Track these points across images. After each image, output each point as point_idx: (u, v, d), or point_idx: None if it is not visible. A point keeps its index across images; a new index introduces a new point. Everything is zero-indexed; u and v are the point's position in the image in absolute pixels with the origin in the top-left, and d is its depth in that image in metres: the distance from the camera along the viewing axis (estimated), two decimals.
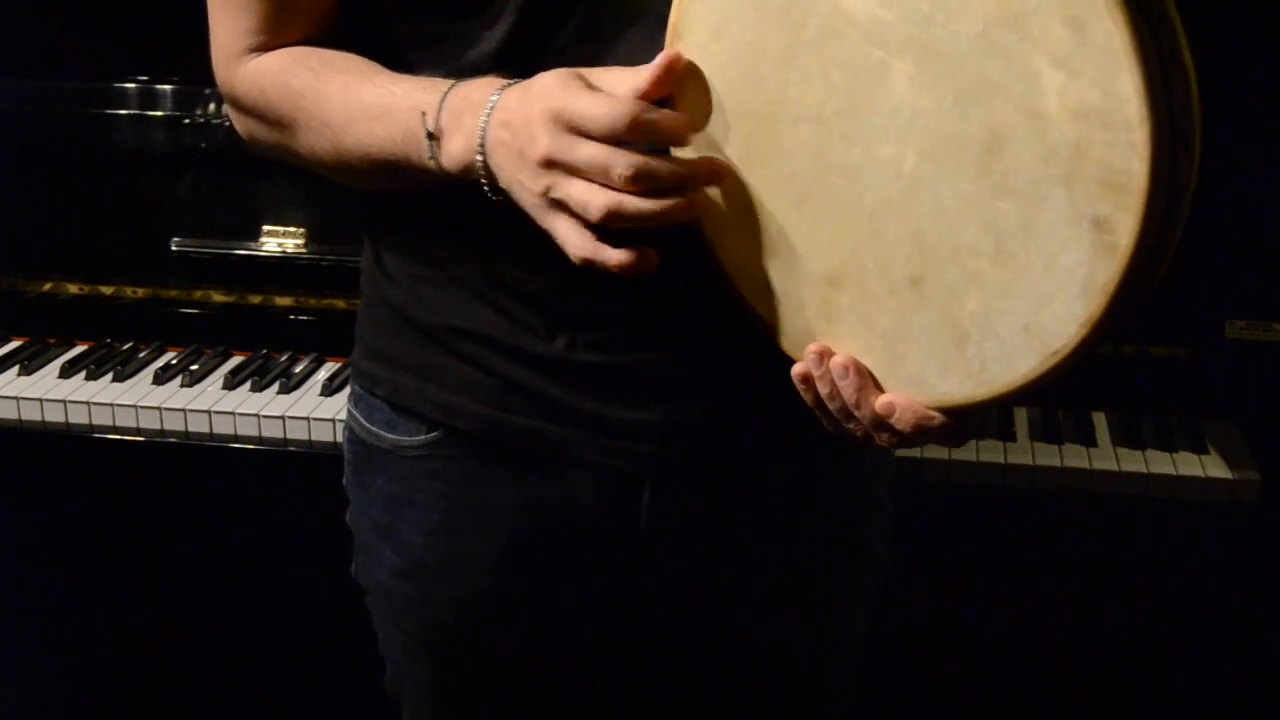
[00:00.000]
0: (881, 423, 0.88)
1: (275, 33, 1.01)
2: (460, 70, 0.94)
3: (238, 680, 2.03)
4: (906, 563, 1.24)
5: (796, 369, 0.89)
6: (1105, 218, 0.75)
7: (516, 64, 0.92)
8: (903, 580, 1.24)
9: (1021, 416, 1.72)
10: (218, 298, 1.87)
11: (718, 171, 0.87)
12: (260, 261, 1.84)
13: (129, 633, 2.04)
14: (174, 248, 1.86)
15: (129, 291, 1.89)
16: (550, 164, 0.84)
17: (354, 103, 0.95)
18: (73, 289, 1.90)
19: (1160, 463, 1.62)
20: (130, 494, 1.91)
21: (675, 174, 0.84)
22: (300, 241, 1.84)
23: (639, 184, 0.82)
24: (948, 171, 0.80)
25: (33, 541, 2.00)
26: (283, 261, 1.84)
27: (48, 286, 1.90)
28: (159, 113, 1.86)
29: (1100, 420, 1.71)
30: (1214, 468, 1.61)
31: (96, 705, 2.12)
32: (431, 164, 0.92)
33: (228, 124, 1.85)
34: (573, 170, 0.84)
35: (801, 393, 0.90)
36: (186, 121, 1.85)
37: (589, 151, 0.83)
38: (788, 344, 0.91)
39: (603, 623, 1.14)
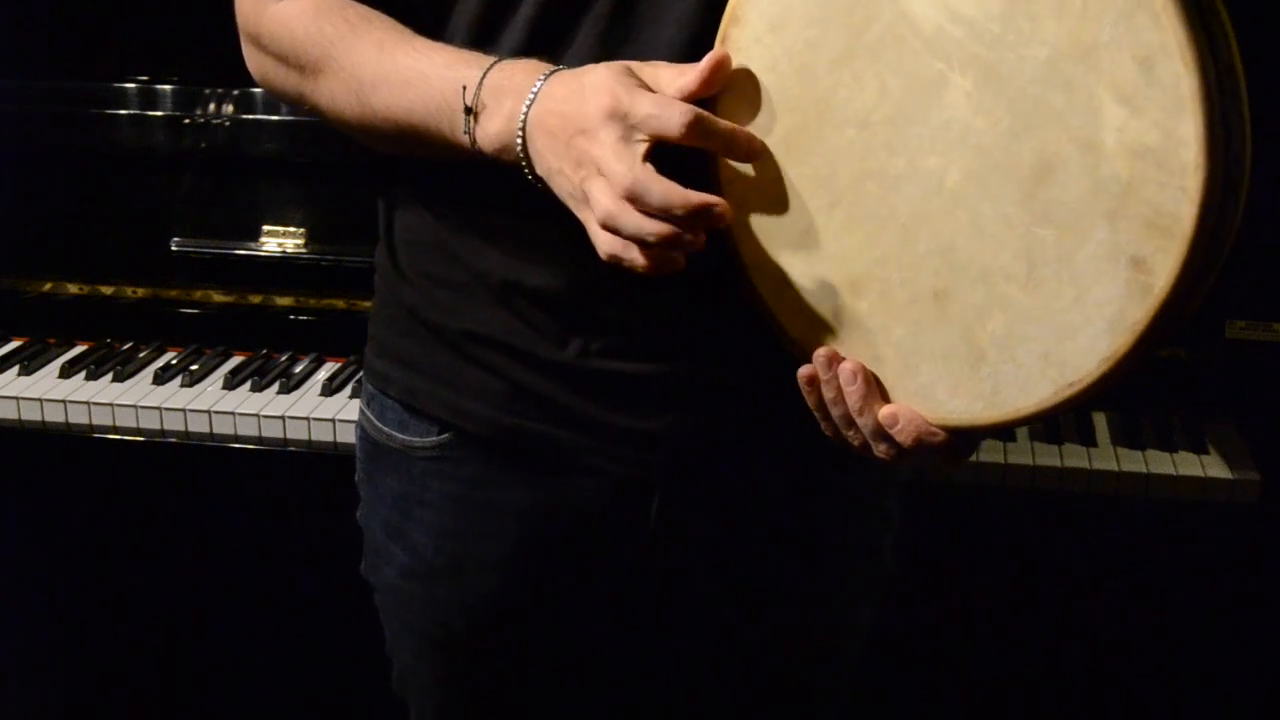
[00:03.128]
0: (882, 433, 0.87)
1: None
2: (494, 35, 0.93)
3: (239, 680, 2.03)
4: (907, 563, 1.24)
5: (803, 371, 0.89)
6: (1145, 258, 0.75)
7: (549, 31, 0.91)
8: (903, 580, 1.24)
9: None
10: (218, 298, 1.87)
11: (756, 150, 0.86)
12: (260, 261, 1.84)
13: (129, 633, 2.04)
14: (174, 248, 1.86)
15: (129, 291, 1.89)
16: (590, 160, 0.83)
17: (388, 63, 0.94)
18: (73, 289, 1.90)
19: (1160, 463, 1.62)
20: (130, 494, 1.91)
21: (691, 220, 0.82)
22: (300, 241, 1.84)
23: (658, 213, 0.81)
24: (991, 192, 0.80)
25: (33, 541, 2.00)
26: (283, 261, 1.84)
27: (48, 286, 1.90)
28: (159, 113, 1.86)
29: (1100, 420, 1.71)
30: (1214, 468, 1.60)
31: (97, 705, 2.12)
32: (465, 139, 0.90)
33: (228, 124, 1.88)
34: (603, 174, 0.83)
35: (805, 395, 0.90)
36: (186, 121, 1.85)
37: (621, 164, 0.82)
38: (797, 344, 0.90)
39: (609, 626, 1.14)
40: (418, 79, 0.92)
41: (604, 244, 0.84)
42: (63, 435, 1.75)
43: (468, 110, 0.89)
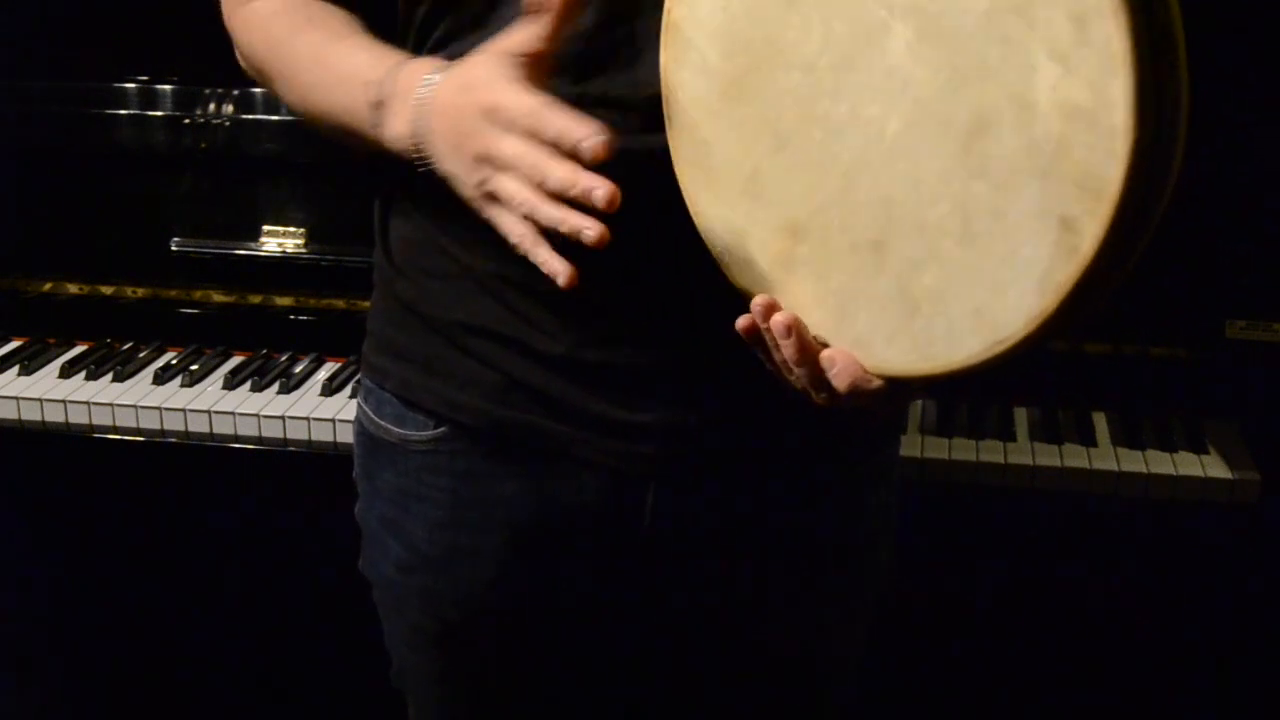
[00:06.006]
0: (819, 380, 0.87)
1: None
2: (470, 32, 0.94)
3: (240, 679, 2.03)
4: (906, 562, 1.24)
5: (741, 321, 0.89)
6: (1074, 219, 0.75)
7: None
8: (903, 580, 1.24)
9: (1021, 416, 1.72)
10: (218, 298, 1.87)
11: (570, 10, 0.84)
12: (260, 261, 1.84)
13: (129, 632, 2.04)
14: (174, 248, 1.86)
15: (129, 291, 1.89)
16: (485, 158, 0.85)
17: (320, 65, 0.97)
18: (73, 289, 1.90)
19: (1160, 463, 1.62)
20: (130, 494, 1.91)
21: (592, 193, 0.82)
22: (300, 241, 1.84)
23: (558, 192, 0.82)
24: (929, 144, 0.80)
25: (33, 541, 2.00)
26: (283, 261, 1.84)
27: (48, 286, 1.90)
28: (159, 113, 1.86)
29: (1100, 420, 1.71)
30: (1214, 468, 1.60)
31: (97, 705, 2.12)
32: (375, 137, 0.93)
33: (228, 124, 1.88)
34: (504, 166, 0.84)
35: (747, 341, 0.90)
36: (186, 121, 1.85)
37: (515, 148, 0.83)
38: (742, 285, 0.90)
39: (605, 619, 1.14)
40: (340, 81, 0.96)
41: (516, 238, 0.85)
42: (63, 435, 1.75)
43: (377, 105, 0.92)
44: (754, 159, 0.86)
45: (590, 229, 0.82)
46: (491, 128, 0.84)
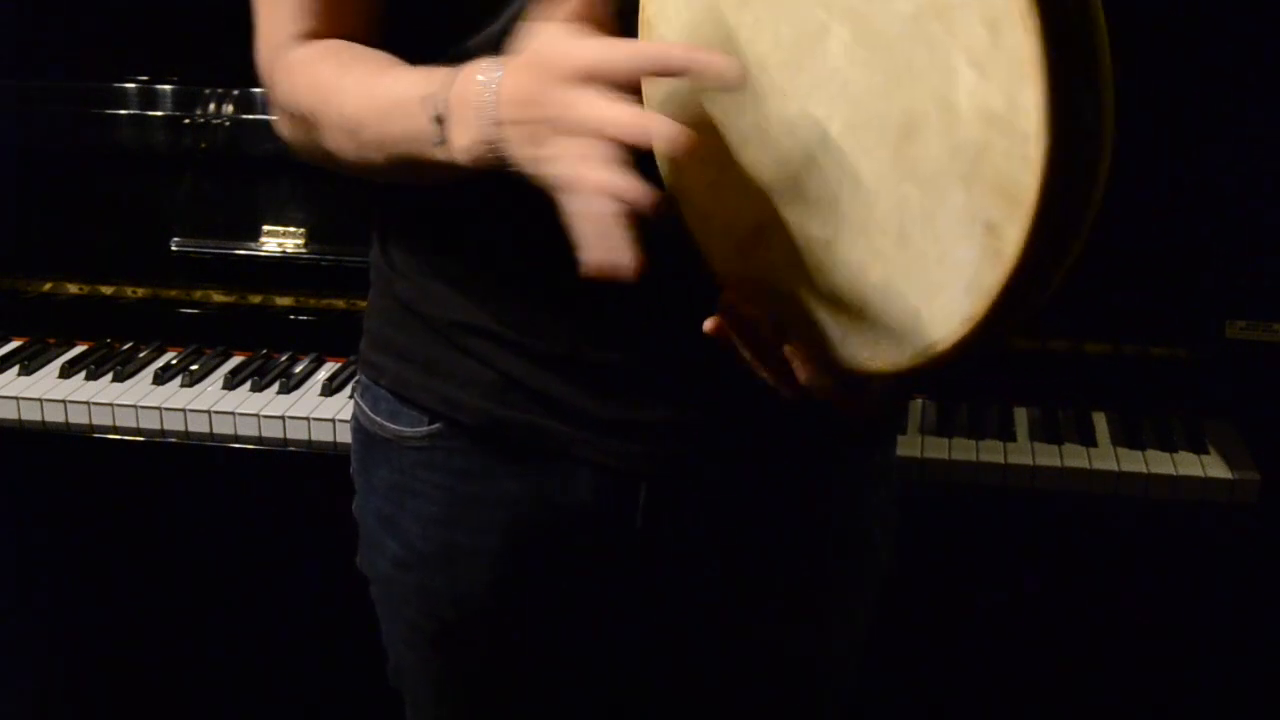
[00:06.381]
0: (783, 375, 0.88)
1: (316, 20, 0.98)
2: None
3: (239, 678, 2.03)
4: (906, 562, 1.24)
5: (708, 324, 0.89)
6: (996, 224, 0.75)
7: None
8: (903, 580, 1.24)
9: (1021, 416, 1.72)
10: (218, 298, 1.87)
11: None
12: (260, 261, 1.84)
13: (129, 632, 2.04)
14: (174, 248, 1.86)
15: (129, 291, 1.89)
16: (573, 128, 0.80)
17: (367, 99, 0.93)
18: (73, 289, 1.90)
19: (1160, 463, 1.62)
20: (130, 494, 1.91)
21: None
22: (300, 241, 1.84)
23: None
24: (867, 146, 0.80)
25: (33, 541, 2.00)
26: (283, 261, 1.84)
27: (48, 286, 1.90)
28: (159, 113, 1.86)
29: (1100, 420, 1.71)
30: (1214, 468, 1.60)
31: (97, 705, 2.12)
32: (443, 153, 0.88)
33: (228, 124, 1.88)
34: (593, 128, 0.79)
35: (717, 340, 0.90)
36: (186, 121, 1.85)
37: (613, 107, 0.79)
38: (720, 277, 0.91)
39: (601, 617, 1.14)
40: (393, 108, 0.91)
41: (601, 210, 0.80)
42: (63, 435, 1.75)
43: (438, 120, 0.87)
44: (726, 154, 0.87)
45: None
46: (585, 87, 0.79)
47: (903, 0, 0.76)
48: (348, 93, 0.95)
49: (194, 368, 1.79)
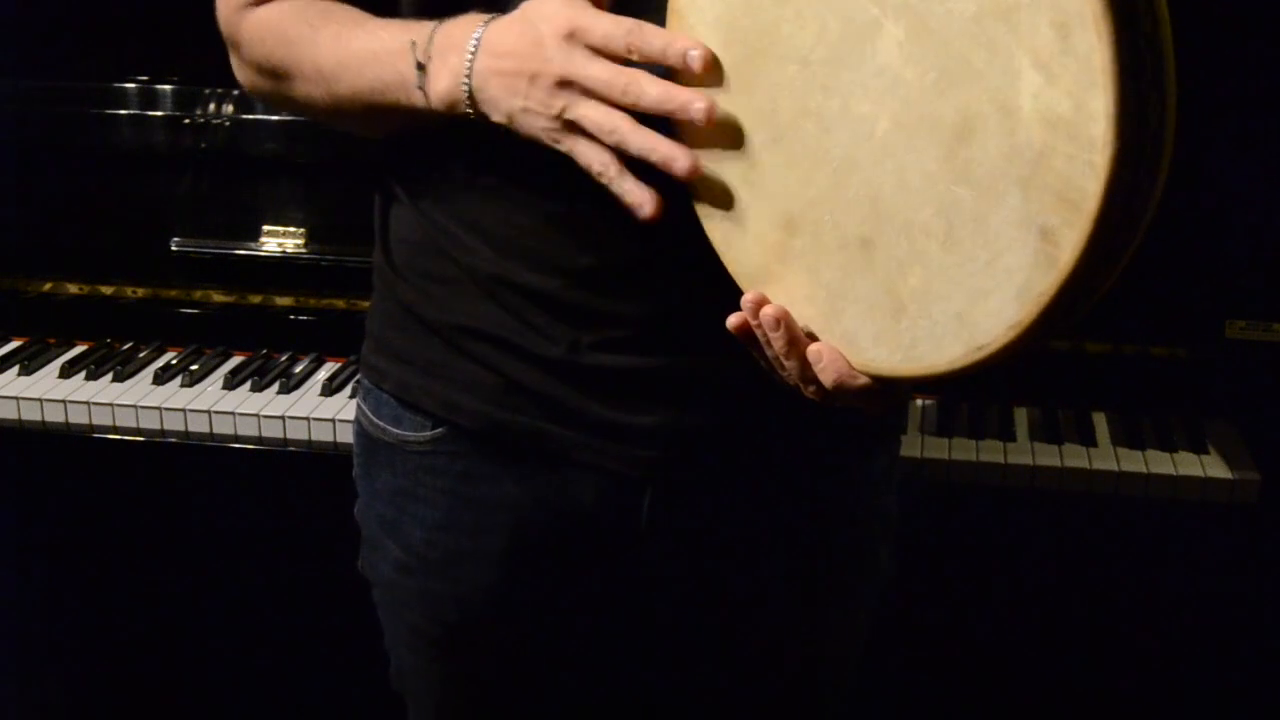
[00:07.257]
0: (807, 374, 0.88)
1: None
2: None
3: (239, 679, 2.03)
4: (906, 563, 1.24)
5: (732, 319, 0.89)
6: (1053, 229, 0.74)
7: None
8: (903, 580, 1.24)
9: (1021, 416, 1.72)
10: (218, 298, 1.87)
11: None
12: (260, 261, 1.84)
13: (129, 632, 2.04)
14: (174, 248, 1.86)
15: (129, 291, 1.89)
16: (566, 84, 0.85)
17: (344, 50, 0.97)
18: (73, 289, 1.90)
19: (1160, 463, 1.62)
20: (130, 494, 1.91)
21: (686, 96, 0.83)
22: (300, 241, 1.84)
23: (654, 105, 0.83)
24: (916, 146, 0.79)
25: (33, 541, 2.00)
26: (283, 261, 1.84)
27: (48, 286, 1.90)
28: (159, 113, 1.86)
29: (1100, 420, 1.71)
30: (1214, 468, 1.60)
31: (97, 705, 2.12)
32: (420, 97, 0.92)
33: (228, 124, 1.88)
34: (588, 90, 0.84)
35: (738, 337, 0.90)
36: (186, 121, 1.85)
37: (605, 70, 0.84)
38: (740, 275, 0.90)
39: (603, 622, 1.14)
40: (371, 58, 0.95)
41: (599, 165, 0.86)
42: (63, 435, 1.75)
43: (420, 67, 0.91)
44: (753, 149, 0.86)
45: (681, 159, 0.84)
46: (575, 51, 0.84)
47: (964, 0, 0.76)
48: (322, 47, 0.99)
49: (194, 368, 1.79)
